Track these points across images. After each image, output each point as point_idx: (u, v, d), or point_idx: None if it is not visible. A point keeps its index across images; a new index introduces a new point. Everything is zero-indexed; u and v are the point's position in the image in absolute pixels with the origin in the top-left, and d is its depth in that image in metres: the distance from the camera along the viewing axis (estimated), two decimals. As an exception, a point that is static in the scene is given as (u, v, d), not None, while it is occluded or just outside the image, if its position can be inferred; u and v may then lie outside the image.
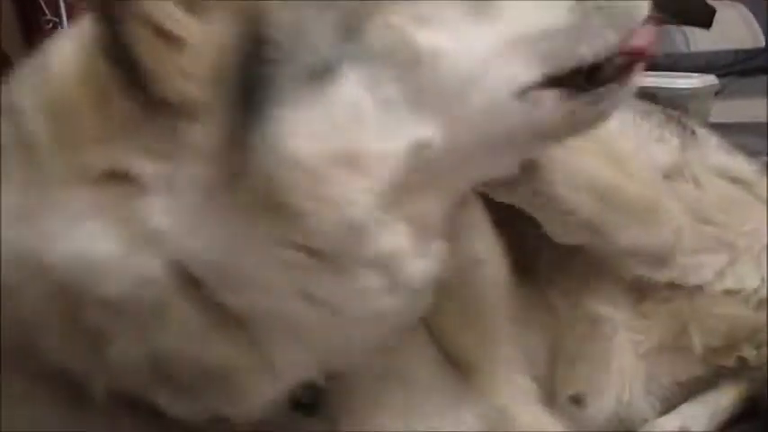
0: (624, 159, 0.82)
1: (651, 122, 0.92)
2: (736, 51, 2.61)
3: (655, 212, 0.82)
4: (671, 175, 0.88)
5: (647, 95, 2.12)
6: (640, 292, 0.86)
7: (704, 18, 2.61)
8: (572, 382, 0.82)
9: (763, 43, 2.67)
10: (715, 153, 0.91)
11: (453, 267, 0.59)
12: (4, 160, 0.54)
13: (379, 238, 0.51)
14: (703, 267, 0.86)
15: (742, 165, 0.91)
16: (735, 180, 0.89)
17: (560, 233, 0.79)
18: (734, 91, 2.40)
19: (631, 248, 0.82)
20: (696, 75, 2.12)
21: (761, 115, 2.34)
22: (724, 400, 0.88)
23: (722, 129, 2.14)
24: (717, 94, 2.19)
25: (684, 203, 0.86)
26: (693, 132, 0.92)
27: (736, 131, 2.18)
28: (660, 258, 0.82)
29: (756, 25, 2.70)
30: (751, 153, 1.88)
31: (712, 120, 2.14)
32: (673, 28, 2.61)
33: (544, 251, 0.86)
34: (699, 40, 2.61)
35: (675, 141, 0.91)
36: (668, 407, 0.89)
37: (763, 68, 2.63)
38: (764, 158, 1.95)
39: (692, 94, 2.03)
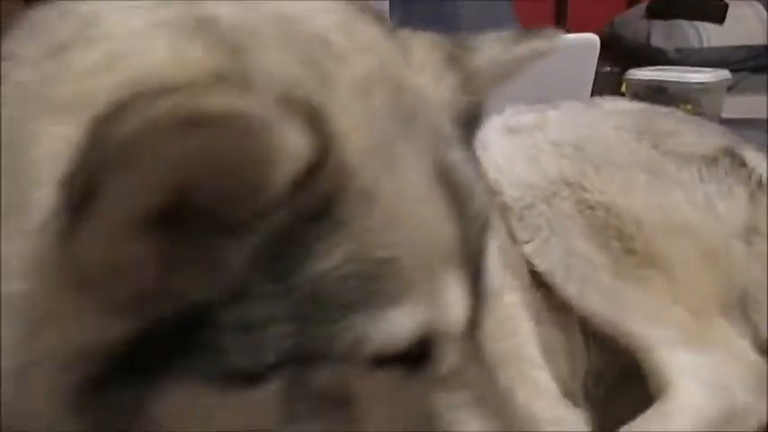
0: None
1: (718, 173, 0.90)
2: (749, 47, 2.60)
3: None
4: (747, 236, 0.86)
5: (658, 89, 2.13)
6: None
7: (717, 14, 2.61)
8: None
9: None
10: None
11: None
12: None
13: None
14: None
15: None
16: None
17: None
18: (746, 87, 2.39)
19: None
20: (709, 69, 2.12)
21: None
22: None
23: (730, 125, 2.15)
24: (729, 89, 2.18)
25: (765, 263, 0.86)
26: (761, 182, 0.90)
27: (743, 127, 2.18)
28: None
29: (769, 22, 2.69)
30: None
31: (724, 115, 2.14)
32: (685, 23, 2.60)
33: None
34: (711, 36, 2.60)
35: (743, 194, 0.89)
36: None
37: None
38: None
39: (705, 88, 2.03)
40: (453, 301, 0.46)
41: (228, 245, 0.41)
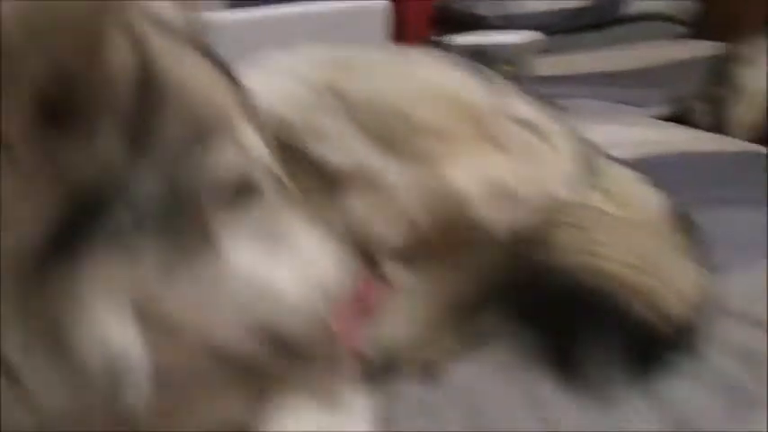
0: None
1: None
2: (563, 11, 2.80)
3: None
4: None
5: (477, 52, 2.28)
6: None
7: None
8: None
9: (590, 1, 2.87)
10: (510, 102, 0.97)
11: None
12: None
13: None
14: None
15: (535, 112, 0.97)
16: (524, 124, 0.95)
17: None
18: (563, 47, 2.59)
19: None
20: (521, 32, 2.28)
21: (589, 68, 2.54)
22: None
23: (552, 81, 2.33)
24: (548, 51, 2.35)
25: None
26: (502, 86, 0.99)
27: (564, 83, 2.37)
28: None
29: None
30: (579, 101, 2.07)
31: (544, 74, 2.31)
32: (500, -9, 2.77)
33: None
34: (529, 2, 2.78)
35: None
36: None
37: (590, 26, 2.83)
38: (588, 102, 2.14)
39: (517, 49, 2.18)
40: (255, 142, 0.65)
41: (96, 133, 0.56)
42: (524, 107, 0.95)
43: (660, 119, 1.88)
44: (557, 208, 0.90)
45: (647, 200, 0.99)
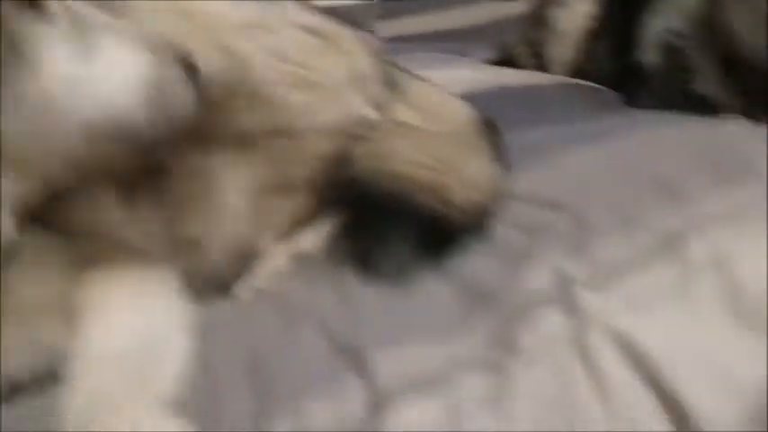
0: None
1: None
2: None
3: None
4: (248, 27, 0.93)
5: (329, 13, 2.32)
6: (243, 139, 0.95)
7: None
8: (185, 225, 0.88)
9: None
10: (293, 13, 0.98)
11: None
12: None
13: None
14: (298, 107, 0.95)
15: (322, 22, 1.00)
16: (313, 32, 0.97)
17: None
18: (397, 11, 2.67)
19: None
20: (360, -5, 2.34)
21: (422, 29, 2.62)
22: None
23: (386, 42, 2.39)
24: (383, 16, 2.42)
25: (262, 47, 0.92)
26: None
27: (396, 43, 2.44)
28: None
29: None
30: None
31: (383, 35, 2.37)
32: (340, -40, 2.82)
33: None
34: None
35: (253, 5, 0.99)
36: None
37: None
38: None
39: (352, 10, 2.24)
40: None
41: None
42: (311, 17, 0.99)
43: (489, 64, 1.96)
44: (357, 125, 0.94)
45: (452, 111, 1.05)
